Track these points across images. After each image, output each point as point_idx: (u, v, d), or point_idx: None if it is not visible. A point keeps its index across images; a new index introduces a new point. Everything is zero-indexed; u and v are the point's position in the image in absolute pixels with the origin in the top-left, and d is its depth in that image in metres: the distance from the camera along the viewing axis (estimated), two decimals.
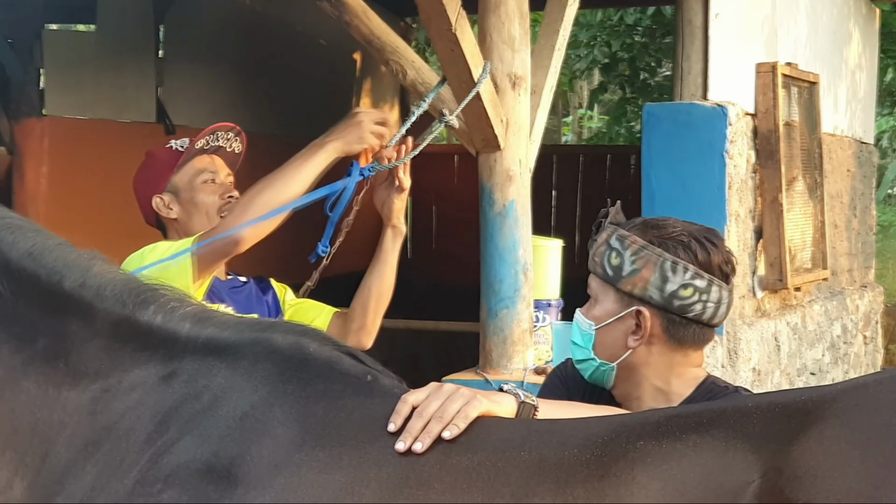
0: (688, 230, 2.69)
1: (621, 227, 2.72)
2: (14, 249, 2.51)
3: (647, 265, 2.64)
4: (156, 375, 2.42)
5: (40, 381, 2.46)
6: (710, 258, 2.67)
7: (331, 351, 2.46)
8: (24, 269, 2.51)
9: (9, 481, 2.44)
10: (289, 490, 2.19)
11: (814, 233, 7.28)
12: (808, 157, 7.22)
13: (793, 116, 6.91)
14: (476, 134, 4.37)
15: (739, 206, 6.19)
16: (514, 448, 2.18)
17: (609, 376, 2.73)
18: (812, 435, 1.96)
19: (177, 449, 2.29)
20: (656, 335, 2.67)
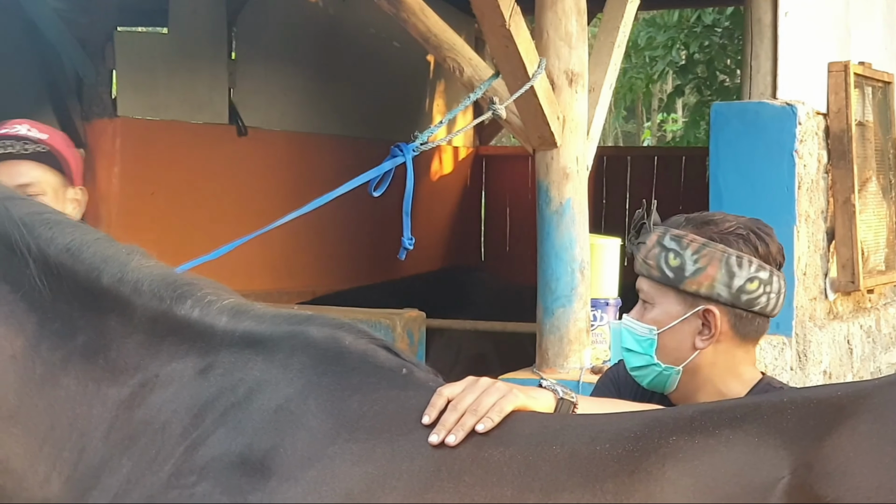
0: (742, 223, 2.69)
1: (671, 227, 2.69)
2: (52, 245, 2.52)
3: (711, 262, 2.63)
4: (193, 369, 2.43)
5: (80, 377, 2.47)
6: (769, 248, 2.67)
7: (366, 344, 2.46)
8: (62, 265, 2.52)
9: (46, 476, 2.45)
10: (321, 482, 2.20)
11: (888, 234, 7.18)
12: (882, 157, 7.12)
13: (866, 117, 6.83)
14: (532, 131, 4.36)
15: (810, 206, 6.12)
16: (547, 442, 2.18)
17: (672, 381, 2.70)
18: (844, 431, 1.95)
19: (211, 441, 2.31)
20: (724, 333, 2.65)
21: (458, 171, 11.48)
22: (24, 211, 2.55)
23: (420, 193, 9.68)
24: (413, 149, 3.75)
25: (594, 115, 4.57)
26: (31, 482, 2.45)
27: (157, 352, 2.46)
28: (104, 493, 2.37)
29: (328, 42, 9.54)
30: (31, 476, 2.45)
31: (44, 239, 2.52)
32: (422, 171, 10.44)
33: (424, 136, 3.93)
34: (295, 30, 9.18)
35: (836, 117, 6.40)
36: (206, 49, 8.29)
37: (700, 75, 13.88)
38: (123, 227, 7.31)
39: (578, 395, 2.50)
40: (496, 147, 12.43)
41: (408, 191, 3.71)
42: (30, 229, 2.52)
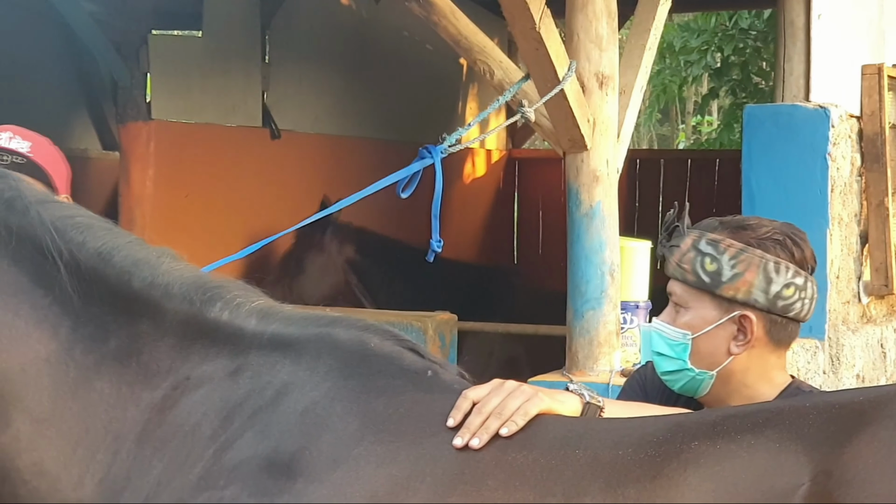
0: (778, 228, 2.68)
1: (706, 231, 2.68)
2: (83, 250, 2.54)
3: (749, 268, 2.62)
4: (223, 371, 2.45)
5: (113, 381, 2.49)
6: (804, 254, 2.68)
7: (392, 346, 2.48)
8: (93, 269, 2.53)
9: (80, 478, 2.47)
10: (346, 484, 2.22)
11: None
12: None
13: None
14: (562, 134, 4.36)
15: (843, 209, 6.08)
16: (570, 446, 2.19)
17: (705, 386, 2.70)
18: (864, 437, 1.95)
19: (240, 444, 2.32)
20: (759, 338, 2.65)
21: (490, 173, 11.47)
22: (56, 215, 2.57)
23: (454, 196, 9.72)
24: (441, 151, 3.75)
25: (625, 117, 4.56)
26: (65, 484, 2.47)
27: (189, 354, 2.48)
28: (135, 494, 2.38)
29: (361, 45, 9.56)
30: (65, 478, 2.47)
31: (75, 243, 2.54)
32: (455, 174, 10.48)
33: (452, 139, 3.95)
34: (328, 33, 9.21)
35: (870, 120, 6.36)
36: (239, 52, 8.33)
37: (735, 78, 13.84)
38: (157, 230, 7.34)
39: (605, 399, 2.50)
40: (529, 150, 12.41)
41: (437, 193, 3.72)
42: (61, 233, 2.53)
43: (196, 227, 7.78)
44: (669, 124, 21.02)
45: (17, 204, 2.56)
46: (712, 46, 13.67)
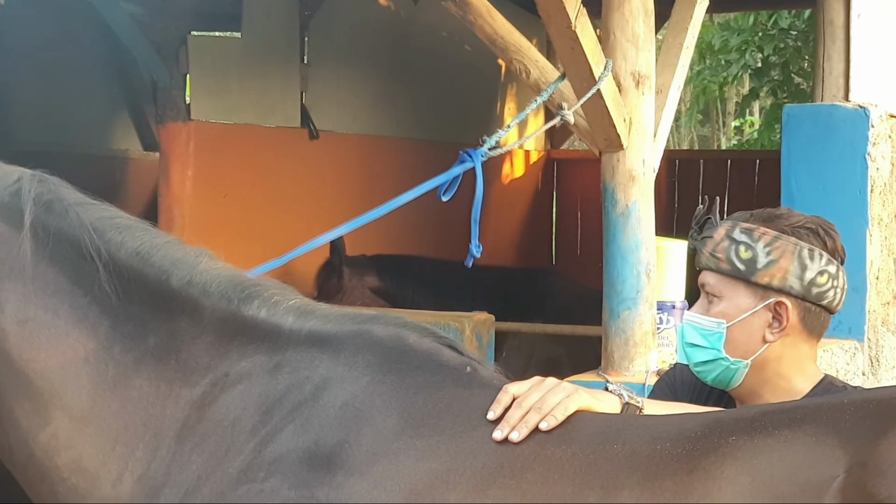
0: (808, 218, 2.70)
1: (739, 221, 2.69)
2: (122, 250, 2.57)
3: (784, 255, 2.63)
4: (261, 367, 2.47)
5: (152, 378, 2.52)
6: (836, 243, 2.68)
7: (431, 342, 2.50)
8: (132, 268, 2.56)
9: (119, 475, 2.50)
10: (386, 477, 2.24)
11: None
12: None
13: None
14: (598, 133, 4.35)
15: (882, 210, 6.04)
16: (608, 441, 2.21)
17: (739, 375, 2.70)
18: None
19: (280, 438, 2.34)
20: (793, 326, 2.66)
21: (529, 174, 11.47)
22: (96, 216, 2.61)
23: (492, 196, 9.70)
24: (481, 154, 3.76)
25: (661, 117, 4.53)
26: (104, 481, 2.50)
27: (227, 351, 2.50)
28: (175, 490, 2.41)
29: (399, 45, 9.57)
30: (104, 475, 2.50)
31: (114, 243, 2.57)
32: (493, 175, 10.47)
33: (492, 141, 3.95)
34: (366, 33, 9.22)
35: None
36: (278, 53, 8.35)
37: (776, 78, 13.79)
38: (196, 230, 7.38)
39: (644, 399, 2.52)
40: (568, 150, 12.39)
41: (477, 198, 3.71)
42: (100, 234, 2.56)
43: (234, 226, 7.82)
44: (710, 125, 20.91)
45: (56, 206, 2.60)
46: (752, 46, 13.61)
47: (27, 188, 2.60)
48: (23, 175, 2.64)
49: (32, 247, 2.56)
